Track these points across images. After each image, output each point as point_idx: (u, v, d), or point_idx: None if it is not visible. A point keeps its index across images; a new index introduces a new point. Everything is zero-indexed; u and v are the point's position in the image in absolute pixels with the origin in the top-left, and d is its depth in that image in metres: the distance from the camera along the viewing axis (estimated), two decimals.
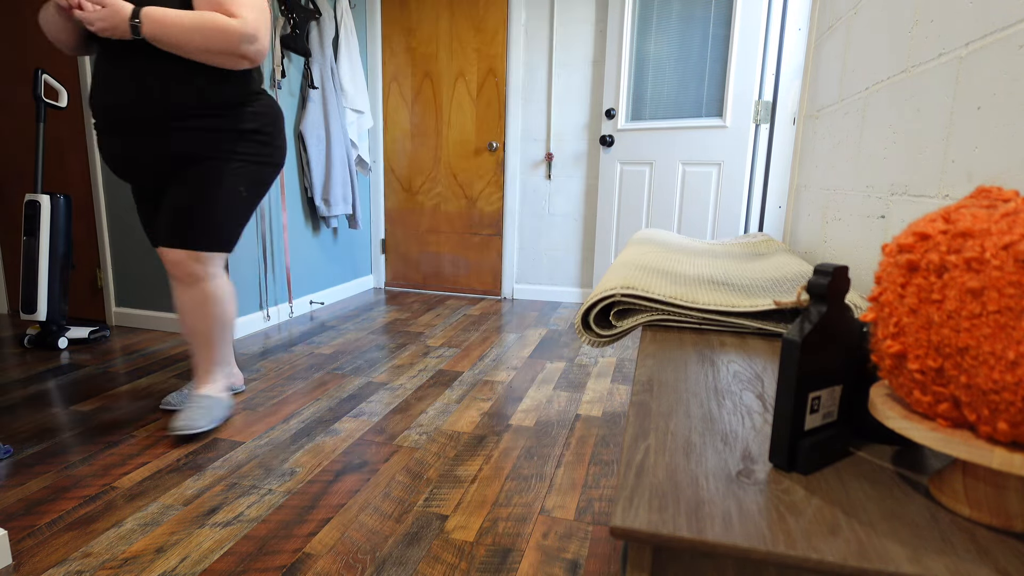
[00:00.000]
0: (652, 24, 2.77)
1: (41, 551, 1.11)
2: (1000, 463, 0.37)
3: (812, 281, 0.46)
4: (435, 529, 1.20)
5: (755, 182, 2.64)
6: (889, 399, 0.46)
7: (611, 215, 2.99)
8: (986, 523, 0.40)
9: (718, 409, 0.58)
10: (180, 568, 1.06)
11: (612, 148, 2.93)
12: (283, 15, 2.58)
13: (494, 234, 3.39)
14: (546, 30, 3.08)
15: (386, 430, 1.65)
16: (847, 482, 0.45)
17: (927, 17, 0.85)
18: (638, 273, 0.98)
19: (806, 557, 0.36)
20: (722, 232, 2.73)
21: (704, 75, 2.70)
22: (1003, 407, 0.36)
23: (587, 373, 2.16)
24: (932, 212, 0.44)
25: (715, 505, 0.41)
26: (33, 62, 2.59)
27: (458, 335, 2.63)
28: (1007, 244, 0.36)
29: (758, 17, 2.49)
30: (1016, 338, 0.35)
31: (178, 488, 1.33)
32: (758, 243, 1.47)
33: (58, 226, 2.25)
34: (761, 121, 2.56)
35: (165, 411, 1.73)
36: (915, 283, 0.41)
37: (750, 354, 0.76)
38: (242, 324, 2.53)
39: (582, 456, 1.52)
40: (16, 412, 1.71)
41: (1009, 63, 0.65)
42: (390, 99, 3.42)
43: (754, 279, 1.00)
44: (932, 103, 0.83)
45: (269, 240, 2.65)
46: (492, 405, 1.85)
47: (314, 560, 1.10)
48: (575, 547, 1.15)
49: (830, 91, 1.34)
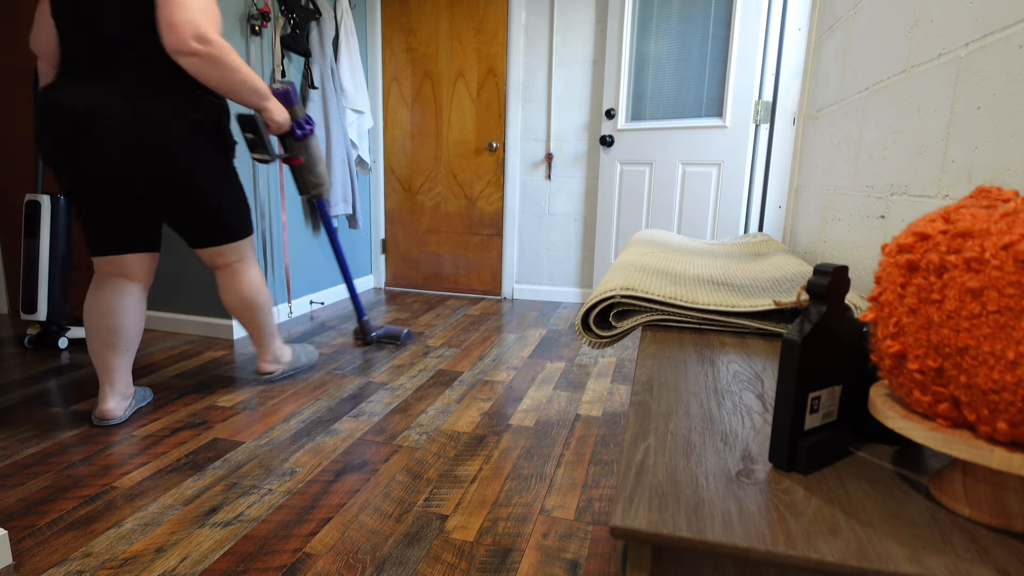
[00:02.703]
0: (652, 24, 2.77)
1: (41, 551, 1.11)
2: (1000, 463, 0.37)
3: (812, 281, 0.46)
4: (435, 529, 1.20)
5: (755, 182, 2.64)
6: (889, 399, 0.46)
7: (611, 215, 2.99)
8: (986, 523, 0.40)
9: (718, 409, 0.58)
10: (180, 568, 1.06)
11: (612, 148, 2.93)
12: (283, 15, 2.58)
13: (494, 234, 3.39)
14: (546, 30, 3.08)
15: (386, 430, 1.65)
16: (847, 482, 0.45)
17: (927, 17, 0.85)
18: (638, 274, 0.98)
19: (806, 557, 0.36)
20: (722, 232, 2.73)
21: (704, 75, 2.70)
22: (1003, 407, 0.36)
23: (587, 373, 2.16)
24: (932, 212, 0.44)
25: (715, 505, 0.41)
26: (33, 62, 2.59)
27: (458, 335, 2.63)
28: (1007, 244, 0.36)
29: (758, 17, 2.49)
30: (1016, 338, 0.35)
31: (178, 488, 1.33)
32: (758, 243, 1.47)
33: (58, 226, 2.25)
34: (761, 121, 2.56)
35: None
36: (915, 283, 0.41)
37: (750, 354, 0.76)
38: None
39: (582, 456, 1.52)
40: (16, 412, 1.71)
41: (1009, 63, 0.65)
42: (390, 99, 3.42)
43: (754, 279, 1.00)
44: (932, 103, 0.83)
45: (269, 240, 2.65)
46: (492, 405, 1.85)
47: (314, 560, 1.10)
48: (575, 547, 1.15)
49: (830, 91, 1.34)
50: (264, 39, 2.51)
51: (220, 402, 1.81)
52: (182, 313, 2.56)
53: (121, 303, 1.59)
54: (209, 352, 2.30)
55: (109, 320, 1.58)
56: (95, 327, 1.58)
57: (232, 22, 2.33)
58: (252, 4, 2.42)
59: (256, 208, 2.54)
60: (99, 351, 1.60)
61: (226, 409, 1.76)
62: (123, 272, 1.60)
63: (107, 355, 1.60)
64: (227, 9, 2.30)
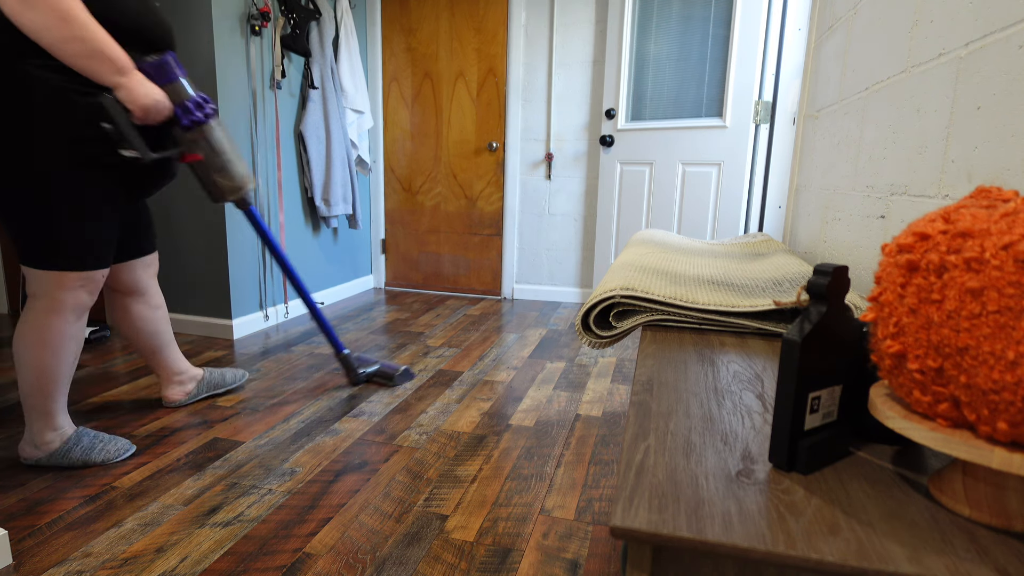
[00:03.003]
0: (652, 24, 2.77)
1: (41, 551, 1.11)
2: (1000, 463, 0.37)
3: (812, 281, 0.46)
4: (435, 529, 1.20)
5: (755, 182, 2.64)
6: (889, 399, 0.46)
7: (611, 215, 2.99)
8: (986, 523, 0.40)
9: (718, 409, 0.58)
10: (180, 568, 1.06)
11: (612, 148, 2.93)
12: (283, 15, 2.58)
13: (494, 234, 3.39)
14: (546, 30, 3.08)
15: (386, 430, 1.65)
16: (847, 482, 0.45)
17: (927, 17, 0.85)
18: (638, 274, 0.98)
19: (806, 557, 0.36)
20: (722, 232, 2.73)
21: (704, 75, 2.70)
22: (1003, 407, 0.36)
23: (587, 373, 2.16)
24: (932, 212, 0.44)
25: (715, 505, 0.41)
26: None
27: (458, 335, 2.63)
28: (1007, 244, 0.36)
29: (758, 17, 2.49)
30: (1016, 338, 0.35)
31: (178, 488, 1.33)
32: (758, 243, 1.47)
33: None
34: (761, 121, 2.56)
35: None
36: (915, 283, 0.41)
37: (750, 354, 0.76)
38: (242, 324, 2.52)
39: (582, 456, 1.52)
40: (17, 412, 1.71)
41: (1009, 63, 0.65)
42: (390, 99, 3.42)
43: (754, 279, 1.00)
44: (932, 103, 0.83)
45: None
46: (492, 405, 1.85)
47: (314, 560, 1.10)
48: (575, 547, 1.15)
49: (830, 91, 1.34)
50: (264, 39, 2.51)
51: (220, 402, 1.81)
52: (182, 313, 2.56)
53: (113, 317, 1.63)
54: (209, 352, 2.30)
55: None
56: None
57: (232, 22, 2.33)
58: (252, 4, 2.42)
59: (256, 206, 2.53)
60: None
61: (226, 409, 1.76)
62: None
63: (141, 356, 1.69)
64: (227, 9, 2.30)
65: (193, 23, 2.26)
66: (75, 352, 1.36)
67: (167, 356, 1.69)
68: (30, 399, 1.33)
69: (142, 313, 1.59)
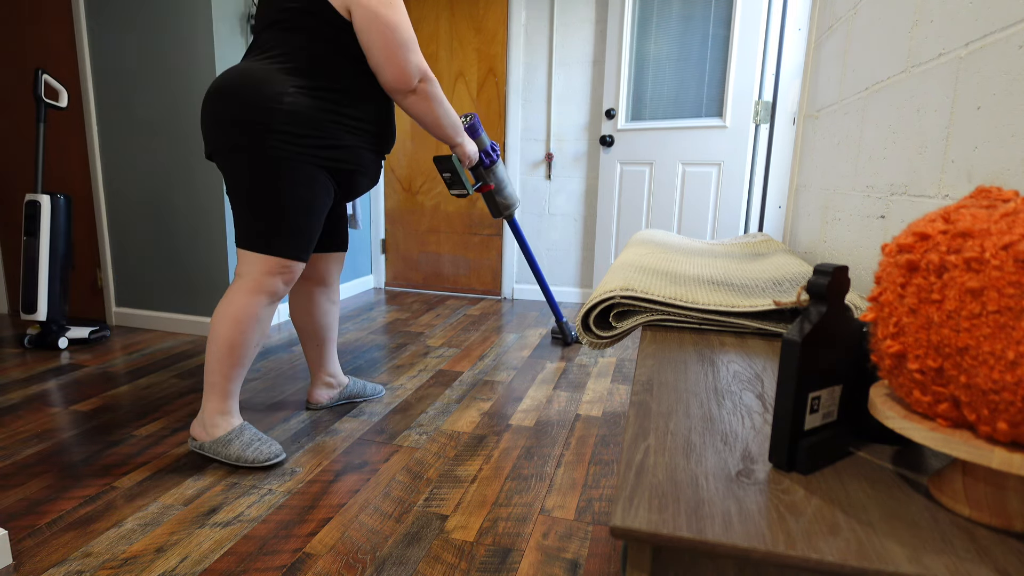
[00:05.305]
0: (652, 24, 2.77)
1: (41, 551, 1.11)
2: (1000, 463, 0.37)
3: (812, 281, 0.46)
4: (435, 529, 1.20)
5: (755, 182, 2.64)
6: (889, 399, 0.46)
7: (611, 215, 2.99)
8: (986, 523, 0.40)
9: (718, 409, 0.58)
10: (180, 568, 1.06)
11: (612, 148, 2.93)
12: None
13: (494, 234, 3.39)
14: (546, 30, 3.08)
15: (386, 430, 1.65)
16: (847, 482, 0.45)
17: (927, 17, 0.85)
18: (637, 274, 0.98)
19: (806, 557, 0.36)
20: (722, 232, 2.73)
21: (704, 75, 2.70)
22: (1003, 407, 0.36)
23: (587, 373, 2.16)
24: (932, 212, 0.44)
25: (715, 505, 0.41)
26: (33, 62, 2.59)
27: (458, 335, 2.63)
28: (1007, 244, 0.36)
29: (758, 17, 2.49)
30: (1016, 338, 0.35)
31: (178, 488, 1.33)
32: (758, 243, 1.47)
33: (58, 226, 2.25)
34: (761, 121, 2.56)
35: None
36: (915, 283, 0.41)
37: (750, 354, 0.76)
38: None
39: (582, 456, 1.52)
40: (16, 412, 1.71)
41: (1009, 63, 0.65)
42: None
43: (754, 279, 1.00)
44: (932, 103, 0.83)
45: None
46: (492, 405, 1.85)
47: (314, 560, 1.10)
48: (575, 547, 1.15)
49: (830, 91, 1.34)
50: None
51: None
52: (182, 313, 2.56)
53: (293, 303, 1.70)
54: None
55: (294, 319, 1.72)
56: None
57: (232, 22, 2.33)
58: (252, 4, 2.41)
59: None
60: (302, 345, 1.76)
61: None
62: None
63: (304, 348, 1.76)
64: (227, 9, 2.30)
65: (193, 23, 2.26)
66: (260, 335, 1.44)
67: (327, 353, 1.75)
68: (211, 376, 1.43)
69: (322, 304, 1.70)
